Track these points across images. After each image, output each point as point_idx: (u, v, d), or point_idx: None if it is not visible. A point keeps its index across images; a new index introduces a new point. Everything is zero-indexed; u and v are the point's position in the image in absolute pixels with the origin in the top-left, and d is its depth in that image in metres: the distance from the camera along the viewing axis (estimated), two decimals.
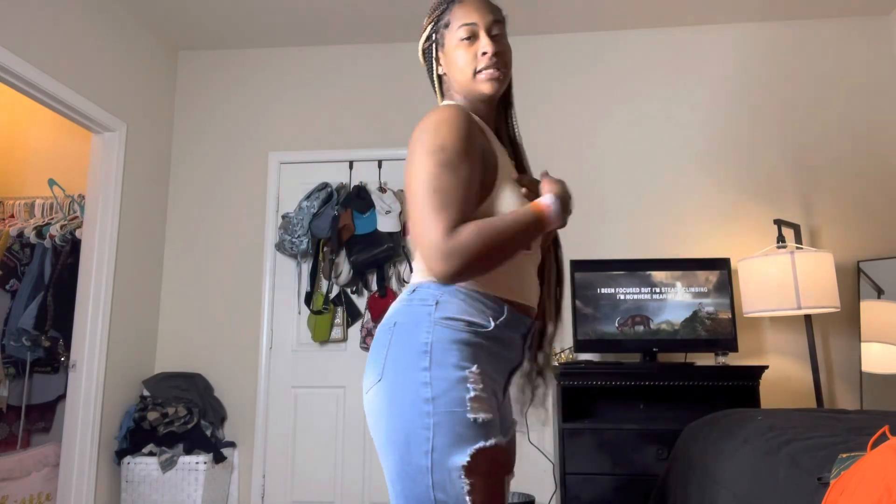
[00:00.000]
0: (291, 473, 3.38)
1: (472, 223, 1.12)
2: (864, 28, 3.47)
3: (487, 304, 1.18)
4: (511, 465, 1.25)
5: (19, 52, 2.70)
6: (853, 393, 3.14)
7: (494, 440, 1.10)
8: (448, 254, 1.10)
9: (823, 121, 3.41)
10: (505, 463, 1.15)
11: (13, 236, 3.58)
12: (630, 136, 3.51)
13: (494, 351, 1.19)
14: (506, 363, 1.23)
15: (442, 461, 1.08)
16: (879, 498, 0.97)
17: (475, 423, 1.09)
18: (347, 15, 3.47)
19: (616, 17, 3.50)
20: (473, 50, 1.28)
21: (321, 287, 3.47)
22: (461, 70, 1.29)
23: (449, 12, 1.31)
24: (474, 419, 1.09)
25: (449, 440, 1.08)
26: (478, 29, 1.28)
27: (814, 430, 1.63)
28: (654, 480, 2.57)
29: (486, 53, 1.26)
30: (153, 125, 3.62)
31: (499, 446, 1.11)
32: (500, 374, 1.23)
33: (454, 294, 1.18)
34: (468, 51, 1.28)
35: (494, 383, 1.18)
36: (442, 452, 1.08)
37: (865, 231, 3.28)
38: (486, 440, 1.09)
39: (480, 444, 1.08)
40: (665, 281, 3.06)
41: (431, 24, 1.35)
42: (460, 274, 1.12)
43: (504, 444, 1.13)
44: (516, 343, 1.24)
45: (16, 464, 3.13)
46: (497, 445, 1.10)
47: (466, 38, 1.28)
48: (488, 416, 1.11)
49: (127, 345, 3.33)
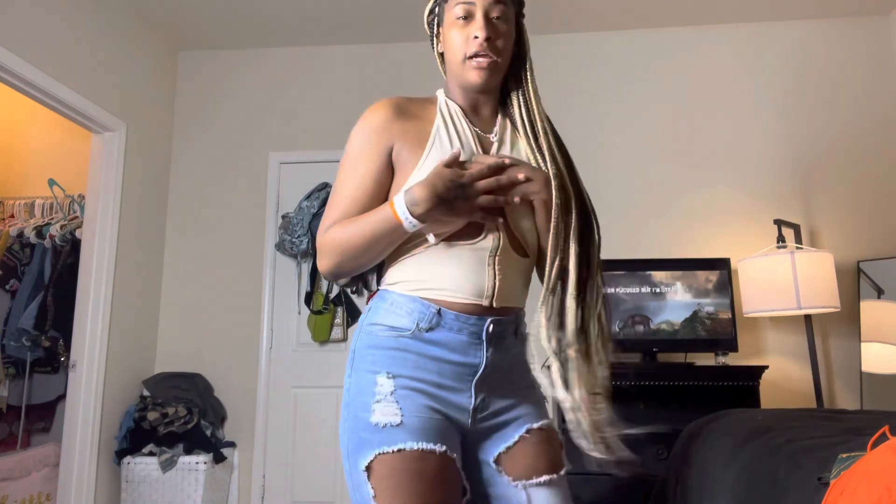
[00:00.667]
0: (291, 473, 3.38)
1: (340, 222, 1.18)
2: (864, 28, 3.47)
3: (415, 308, 1.16)
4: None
5: (19, 52, 2.70)
6: (853, 393, 3.14)
7: (400, 445, 1.08)
8: (320, 251, 1.20)
9: (823, 121, 3.41)
10: (421, 469, 1.08)
11: (13, 236, 3.58)
12: (630, 137, 3.51)
13: (429, 354, 1.15)
14: (455, 366, 1.16)
15: (354, 464, 1.12)
16: (879, 498, 0.97)
17: (376, 427, 1.10)
18: (347, 15, 3.47)
19: (614, 18, 3.50)
20: (467, 32, 1.19)
21: (321, 287, 3.47)
22: (453, 52, 1.22)
23: None
24: (375, 423, 1.10)
25: (355, 444, 1.12)
26: (474, 9, 1.18)
27: (814, 430, 1.63)
28: (654, 480, 2.57)
29: (476, 38, 1.17)
30: (153, 125, 3.62)
31: (405, 452, 1.08)
32: (447, 377, 1.15)
33: (384, 298, 1.20)
34: (462, 31, 1.19)
35: (423, 387, 1.14)
36: (352, 456, 1.12)
37: (865, 231, 3.28)
38: (390, 445, 1.08)
39: (382, 449, 1.09)
40: (665, 281, 3.06)
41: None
42: (331, 270, 1.19)
43: (423, 450, 1.09)
44: (466, 344, 1.16)
45: (16, 464, 3.13)
46: (403, 451, 1.08)
47: (462, 18, 1.19)
48: (392, 421, 1.10)
49: (127, 345, 3.32)
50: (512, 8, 1.23)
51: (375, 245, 1.15)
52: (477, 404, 1.18)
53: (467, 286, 1.16)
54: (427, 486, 1.08)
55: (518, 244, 1.21)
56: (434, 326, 1.15)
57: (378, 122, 1.20)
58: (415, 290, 1.17)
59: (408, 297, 1.17)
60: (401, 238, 1.15)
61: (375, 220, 1.13)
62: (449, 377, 1.16)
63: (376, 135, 1.20)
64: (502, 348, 1.20)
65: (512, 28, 1.23)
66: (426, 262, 1.17)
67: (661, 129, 3.49)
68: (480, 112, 1.28)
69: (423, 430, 1.11)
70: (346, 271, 1.20)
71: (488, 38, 1.17)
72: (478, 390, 1.18)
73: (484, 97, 1.27)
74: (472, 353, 1.17)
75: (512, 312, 1.22)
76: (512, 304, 1.21)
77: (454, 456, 1.14)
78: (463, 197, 1.10)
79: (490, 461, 1.21)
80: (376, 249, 1.16)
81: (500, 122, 1.27)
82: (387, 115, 1.20)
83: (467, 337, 1.16)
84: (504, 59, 1.22)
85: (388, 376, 1.14)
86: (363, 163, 1.19)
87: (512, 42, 1.23)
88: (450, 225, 1.15)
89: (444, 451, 1.11)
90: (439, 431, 1.12)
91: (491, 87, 1.25)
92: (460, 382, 1.17)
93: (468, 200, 1.11)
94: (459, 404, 1.17)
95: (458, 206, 1.10)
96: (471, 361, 1.17)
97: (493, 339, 1.18)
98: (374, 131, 1.20)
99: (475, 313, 1.16)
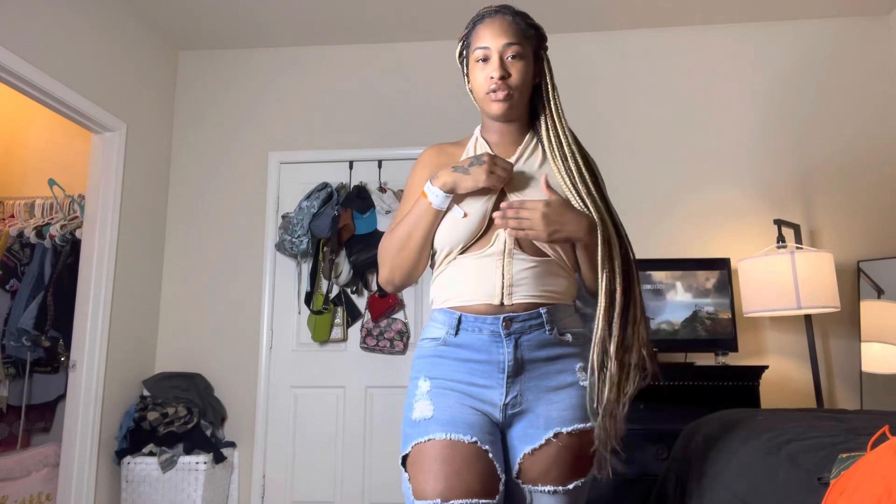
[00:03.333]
0: (291, 473, 3.38)
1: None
2: (864, 28, 3.47)
3: (444, 318, 1.33)
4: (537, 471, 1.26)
5: (19, 51, 2.70)
6: (853, 393, 3.14)
7: (430, 435, 1.23)
8: (378, 265, 1.43)
9: (823, 120, 3.41)
10: (449, 455, 1.21)
11: (13, 236, 3.58)
12: (629, 137, 3.51)
13: (460, 357, 1.30)
14: (483, 364, 1.28)
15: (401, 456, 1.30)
16: (879, 498, 0.97)
17: (414, 422, 1.27)
18: (347, 15, 3.47)
19: (615, 18, 3.50)
20: (486, 72, 1.35)
21: (321, 287, 3.47)
22: (476, 89, 1.39)
23: (473, 32, 1.40)
24: (414, 419, 1.28)
25: (402, 439, 1.30)
26: (490, 53, 1.35)
27: (814, 430, 1.63)
28: (654, 480, 2.57)
29: (492, 77, 1.34)
30: (153, 125, 3.62)
31: (435, 440, 1.22)
32: (478, 375, 1.28)
33: (431, 316, 1.39)
34: (482, 71, 1.36)
35: (457, 386, 1.28)
36: (401, 450, 1.30)
37: (865, 231, 3.28)
38: (422, 436, 1.24)
39: (417, 440, 1.25)
40: (665, 281, 3.06)
41: (461, 41, 1.45)
42: (385, 277, 1.40)
43: (452, 439, 1.21)
44: (488, 343, 1.28)
45: (16, 464, 3.13)
46: (433, 440, 1.23)
47: (481, 60, 1.36)
48: (426, 415, 1.26)
49: (127, 345, 3.32)
50: (528, 46, 1.38)
51: (414, 231, 1.33)
52: (508, 400, 1.27)
53: (481, 289, 1.29)
54: (453, 471, 1.19)
55: (530, 244, 1.32)
56: (459, 331, 1.30)
57: (423, 159, 1.46)
58: (443, 302, 1.35)
59: (440, 311, 1.35)
60: (433, 217, 1.32)
61: (411, 211, 1.35)
62: (479, 375, 1.28)
63: (420, 169, 1.45)
64: (530, 344, 1.28)
65: (528, 65, 1.37)
66: (449, 276, 1.34)
67: (661, 129, 3.49)
68: (506, 142, 1.44)
69: (452, 422, 1.24)
70: (397, 271, 1.38)
71: (502, 76, 1.33)
72: (510, 386, 1.27)
73: (509, 126, 1.43)
74: (496, 350, 1.27)
75: (533, 308, 1.29)
76: (531, 301, 1.29)
77: (486, 448, 1.22)
78: (478, 163, 1.28)
79: (516, 460, 1.28)
80: (415, 237, 1.33)
81: (519, 149, 1.42)
82: (430, 153, 1.46)
83: (488, 336, 1.28)
84: (521, 91, 1.37)
85: (426, 379, 1.31)
86: (411, 193, 1.42)
87: (528, 78, 1.38)
88: (470, 188, 1.29)
89: (473, 441, 1.22)
90: (469, 424, 1.24)
91: (512, 117, 1.40)
92: (491, 380, 1.28)
93: (482, 165, 1.28)
94: (491, 400, 1.27)
95: (474, 171, 1.28)
96: (495, 358, 1.27)
97: (514, 334, 1.27)
98: (418, 167, 1.45)
99: (491, 313, 1.28)
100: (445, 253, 1.34)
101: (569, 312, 1.36)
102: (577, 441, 1.26)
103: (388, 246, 1.37)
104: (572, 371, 1.30)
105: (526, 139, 1.43)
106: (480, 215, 1.32)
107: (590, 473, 1.29)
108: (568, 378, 1.30)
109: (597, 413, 1.22)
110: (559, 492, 1.25)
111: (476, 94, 1.40)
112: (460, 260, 1.33)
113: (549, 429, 1.26)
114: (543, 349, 1.29)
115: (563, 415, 1.27)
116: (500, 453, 1.26)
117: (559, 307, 1.33)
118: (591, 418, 1.24)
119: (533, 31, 1.42)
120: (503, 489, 1.24)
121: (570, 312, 1.37)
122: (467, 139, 1.48)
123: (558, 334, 1.31)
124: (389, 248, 1.37)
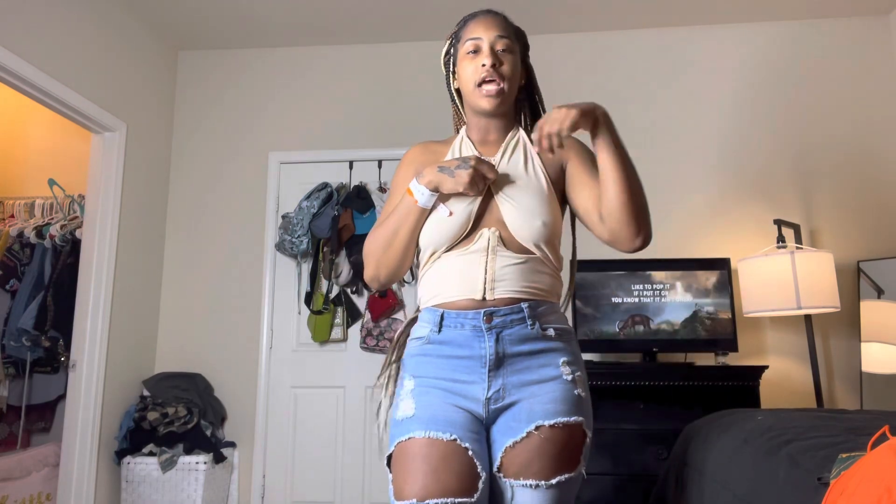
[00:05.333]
0: (291, 473, 3.38)
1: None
2: (864, 28, 3.47)
3: (429, 317, 1.34)
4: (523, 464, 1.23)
5: (19, 52, 2.70)
6: (853, 393, 3.14)
7: (410, 434, 1.23)
8: (364, 263, 1.42)
9: (823, 120, 3.41)
10: (427, 453, 1.20)
11: (13, 236, 3.58)
12: (629, 137, 3.50)
13: (443, 354, 1.30)
14: (465, 360, 1.28)
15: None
16: (879, 498, 0.97)
17: (397, 421, 1.28)
18: (347, 15, 3.47)
19: (613, 18, 3.50)
20: (476, 63, 1.37)
21: (321, 287, 3.47)
22: (466, 82, 1.40)
23: (464, 28, 1.43)
24: (396, 418, 1.28)
25: (389, 437, 1.31)
26: (482, 43, 1.38)
27: (814, 430, 1.63)
28: (654, 480, 2.57)
29: (484, 65, 1.36)
30: (153, 125, 3.62)
31: (414, 439, 1.22)
32: (461, 371, 1.28)
33: (419, 316, 1.39)
34: (472, 63, 1.38)
35: (440, 383, 1.28)
36: (389, 447, 1.30)
37: (865, 231, 3.28)
38: (404, 434, 1.24)
39: (399, 439, 1.25)
40: (665, 281, 3.06)
41: (450, 39, 1.48)
42: (370, 275, 1.40)
43: (431, 437, 1.21)
44: (470, 338, 1.28)
45: (16, 464, 3.13)
46: (413, 438, 1.22)
47: (472, 52, 1.38)
48: (408, 414, 1.26)
49: (127, 345, 3.32)
50: (516, 44, 1.42)
51: (399, 228, 1.34)
52: (490, 395, 1.26)
53: (463, 286, 1.30)
54: (430, 469, 1.18)
55: (515, 243, 1.32)
56: (442, 328, 1.30)
57: (409, 157, 1.48)
58: (428, 301, 1.35)
59: (426, 310, 1.36)
60: (419, 215, 1.33)
61: (396, 208, 1.36)
62: (462, 371, 1.28)
63: (405, 166, 1.46)
64: (511, 338, 1.28)
65: (517, 60, 1.42)
66: (434, 275, 1.35)
67: (661, 129, 3.49)
68: (489, 139, 1.45)
69: (433, 420, 1.23)
70: (383, 268, 1.38)
71: (494, 64, 1.36)
72: (492, 380, 1.27)
73: (494, 123, 1.44)
74: (477, 345, 1.27)
75: (514, 303, 1.29)
76: (512, 296, 1.29)
77: (466, 445, 1.21)
78: (464, 166, 1.28)
79: (497, 454, 1.25)
80: (401, 235, 1.34)
81: (503, 146, 1.43)
82: (416, 151, 1.49)
83: (470, 331, 1.28)
84: (510, 85, 1.39)
85: (410, 378, 1.31)
86: (397, 190, 1.44)
87: (517, 72, 1.42)
88: (452, 189, 1.29)
89: (452, 438, 1.21)
90: (450, 421, 1.23)
91: (500, 112, 1.42)
92: (474, 374, 1.27)
93: (468, 169, 1.28)
94: (474, 396, 1.27)
95: (459, 174, 1.28)
96: (477, 353, 1.27)
97: (495, 329, 1.27)
98: (403, 164, 1.47)
99: (472, 308, 1.29)
100: (430, 252, 1.35)
101: (553, 309, 1.35)
102: (561, 434, 1.23)
103: (373, 243, 1.38)
104: (556, 365, 1.28)
105: (508, 136, 1.45)
106: (466, 215, 1.32)
107: (577, 470, 1.25)
108: (551, 372, 1.28)
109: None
110: (541, 486, 1.21)
111: (465, 89, 1.41)
112: (445, 258, 1.33)
113: (531, 422, 1.23)
114: (525, 343, 1.28)
115: (546, 408, 1.24)
116: (484, 451, 1.24)
117: (542, 303, 1.32)
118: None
119: (519, 35, 1.47)
120: (484, 487, 1.21)
121: (555, 309, 1.35)
122: (454, 137, 1.50)
123: (540, 329, 1.29)
124: (375, 246, 1.37)
